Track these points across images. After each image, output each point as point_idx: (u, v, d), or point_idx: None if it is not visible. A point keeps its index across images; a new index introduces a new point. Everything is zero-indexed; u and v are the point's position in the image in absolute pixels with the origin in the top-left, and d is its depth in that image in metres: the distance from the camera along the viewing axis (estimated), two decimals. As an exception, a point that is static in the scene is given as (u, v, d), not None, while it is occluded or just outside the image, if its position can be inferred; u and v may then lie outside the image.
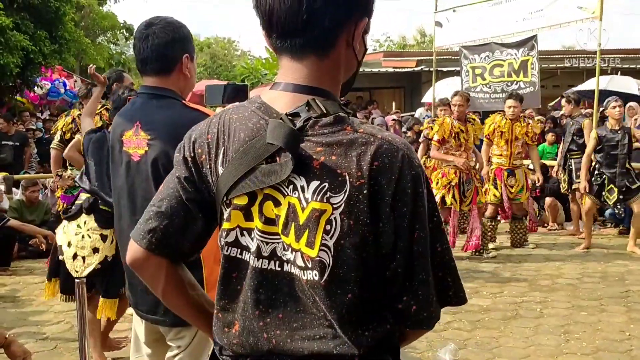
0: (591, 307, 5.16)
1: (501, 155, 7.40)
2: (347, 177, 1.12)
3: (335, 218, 1.13)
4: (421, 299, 1.18)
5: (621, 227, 8.39)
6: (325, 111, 1.17)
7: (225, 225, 1.23)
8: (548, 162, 8.97)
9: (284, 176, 1.15)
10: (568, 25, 9.51)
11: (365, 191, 1.12)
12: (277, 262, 1.20)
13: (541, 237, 8.12)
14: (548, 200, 8.79)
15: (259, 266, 1.20)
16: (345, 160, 1.13)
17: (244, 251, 1.23)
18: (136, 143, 2.23)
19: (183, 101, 2.27)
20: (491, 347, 4.34)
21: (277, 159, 1.17)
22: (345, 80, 1.29)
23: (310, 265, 1.15)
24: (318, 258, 1.14)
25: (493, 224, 7.57)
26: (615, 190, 7.20)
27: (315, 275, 1.15)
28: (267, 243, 1.20)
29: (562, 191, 8.37)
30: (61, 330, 4.79)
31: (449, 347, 3.95)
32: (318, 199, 1.13)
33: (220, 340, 1.28)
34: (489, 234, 7.49)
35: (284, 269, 1.19)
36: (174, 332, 2.22)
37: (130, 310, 3.18)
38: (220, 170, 1.23)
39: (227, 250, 1.24)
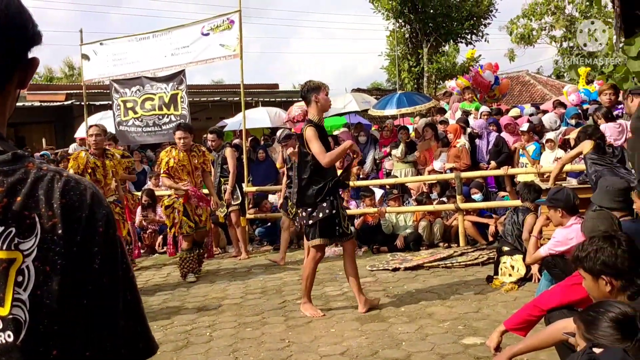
0: (255, 322, 5.52)
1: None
2: (37, 219, 1.00)
3: (27, 267, 0.99)
4: (109, 352, 1.06)
5: (275, 245, 9.25)
6: (1, 149, 1.04)
7: None
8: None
9: None
10: (212, 61, 10.18)
11: (60, 231, 1.01)
12: None
13: (206, 263, 8.40)
14: (210, 226, 9.18)
15: None
16: (33, 200, 1.01)
17: None
18: None
19: None
20: (165, 380, 4.32)
21: None
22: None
23: (1, 327, 0.98)
24: (11, 316, 0.98)
25: (192, 254, 7.51)
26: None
27: (9, 336, 0.98)
28: None
29: (220, 219, 8.88)
30: None
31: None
32: (4, 248, 0.99)
33: None
34: (189, 265, 7.48)
35: None
36: None
37: None
38: None
39: None
